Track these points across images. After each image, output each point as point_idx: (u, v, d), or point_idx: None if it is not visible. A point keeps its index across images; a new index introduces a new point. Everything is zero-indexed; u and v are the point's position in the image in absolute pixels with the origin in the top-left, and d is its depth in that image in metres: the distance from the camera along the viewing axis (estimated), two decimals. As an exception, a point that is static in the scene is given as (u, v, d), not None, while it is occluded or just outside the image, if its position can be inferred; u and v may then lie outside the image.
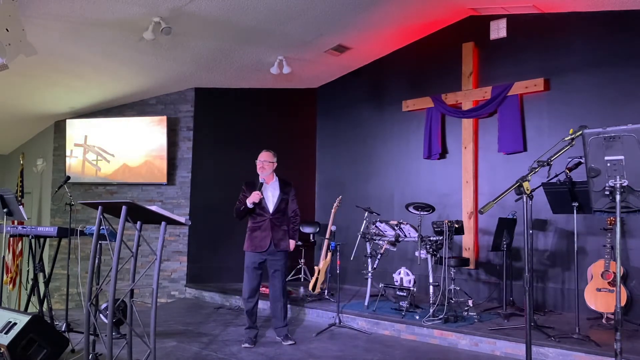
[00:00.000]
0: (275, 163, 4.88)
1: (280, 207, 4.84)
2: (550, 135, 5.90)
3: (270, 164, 4.86)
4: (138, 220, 3.46)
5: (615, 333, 2.56)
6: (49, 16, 5.19)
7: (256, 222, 4.80)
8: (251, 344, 4.72)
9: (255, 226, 4.80)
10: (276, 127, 8.15)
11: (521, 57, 6.24)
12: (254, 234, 4.79)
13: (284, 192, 4.88)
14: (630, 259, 5.27)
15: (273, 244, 4.73)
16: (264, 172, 4.81)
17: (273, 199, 4.82)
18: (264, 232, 4.74)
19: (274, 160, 4.89)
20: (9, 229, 5.13)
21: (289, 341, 4.78)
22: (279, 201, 4.82)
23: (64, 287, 7.35)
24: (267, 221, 4.76)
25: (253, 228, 4.81)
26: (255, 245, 4.75)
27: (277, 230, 4.78)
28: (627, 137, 2.56)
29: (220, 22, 5.75)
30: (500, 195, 3.01)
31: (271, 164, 4.86)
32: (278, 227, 4.79)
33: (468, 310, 5.27)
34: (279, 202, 4.82)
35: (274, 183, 4.91)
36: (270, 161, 4.86)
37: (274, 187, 4.88)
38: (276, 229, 4.77)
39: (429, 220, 5.82)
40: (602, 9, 5.68)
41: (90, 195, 7.95)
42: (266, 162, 4.84)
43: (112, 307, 3.20)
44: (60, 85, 7.09)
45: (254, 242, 4.77)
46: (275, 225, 4.77)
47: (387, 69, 7.59)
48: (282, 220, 4.84)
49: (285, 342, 4.78)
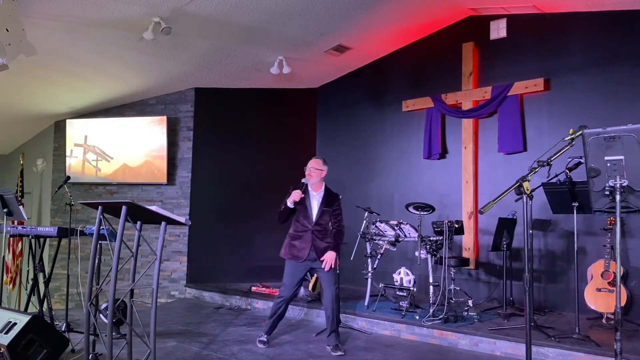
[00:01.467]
0: (324, 171, 4.63)
1: (323, 219, 4.57)
2: (550, 135, 5.90)
3: (318, 172, 4.59)
4: (138, 220, 3.46)
5: (615, 333, 2.56)
6: (49, 16, 5.19)
7: (298, 231, 4.58)
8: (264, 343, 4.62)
9: (296, 235, 4.58)
10: (276, 127, 8.15)
11: (521, 57, 6.24)
12: (293, 242, 4.58)
13: (326, 203, 4.60)
14: (630, 259, 5.27)
15: (317, 254, 4.49)
16: (311, 179, 4.57)
17: (316, 209, 4.59)
18: (304, 244, 4.52)
19: (323, 168, 4.62)
20: (9, 229, 5.13)
21: (338, 352, 4.42)
22: (320, 212, 4.57)
23: (64, 287, 7.35)
24: (309, 233, 4.53)
25: (293, 236, 4.60)
26: (292, 255, 4.56)
27: (319, 243, 4.51)
28: (627, 137, 2.56)
29: (220, 22, 5.75)
30: (500, 195, 3.01)
31: (319, 171, 4.60)
32: (320, 240, 4.52)
33: (468, 310, 5.27)
34: (320, 213, 4.57)
35: (321, 193, 4.65)
36: (318, 168, 4.60)
37: (320, 197, 4.63)
38: (318, 242, 4.51)
39: (429, 220, 5.82)
40: (602, 9, 5.68)
41: (90, 195, 7.95)
42: (313, 168, 4.59)
43: (112, 307, 3.20)
44: (60, 85, 7.09)
45: (292, 250, 4.57)
46: (317, 237, 4.53)
47: (387, 69, 7.59)
48: (324, 234, 4.56)
49: (333, 352, 4.44)
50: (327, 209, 4.58)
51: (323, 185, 4.67)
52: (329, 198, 4.63)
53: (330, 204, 4.61)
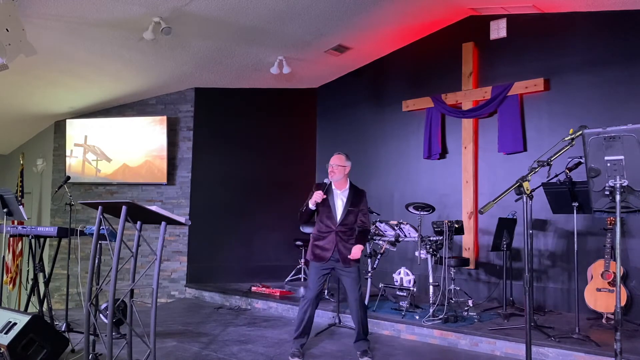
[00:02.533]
0: (347, 167, 4.30)
1: (348, 219, 4.26)
2: (550, 135, 5.90)
3: (341, 168, 4.27)
4: (138, 220, 3.46)
5: (615, 333, 2.56)
6: (49, 16, 5.19)
7: (321, 232, 4.30)
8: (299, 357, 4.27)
9: (319, 236, 4.30)
10: (276, 127, 8.15)
11: (521, 57, 6.24)
12: (316, 242, 4.30)
13: (352, 202, 4.29)
14: (630, 259, 5.27)
15: (341, 258, 4.20)
16: (334, 176, 4.26)
17: (341, 209, 4.28)
18: (328, 245, 4.23)
19: (346, 164, 4.31)
20: (9, 229, 5.13)
21: (366, 357, 4.25)
22: (345, 212, 4.25)
23: (64, 287, 7.35)
24: (333, 234, 4.23)
25: (317, 237, 4.31)
26: (315, 255, 4.28)
27: (344, 244, 4.21)
28: (627, 137, 2.56)
29: (220, 22, 5.75)
30: (500, 195, 3.01)
31: (341, 167, 4.28)
32: (345, 242, 4.22)
33: (468, 310, 5.27)
34: (345, 213, 4.25)
35: (345, 191, 4.33)
36: (341, 164, 4.28)
37: (344, 196, 4.32)
38: (342, 243, 4.21)
39: (429, 220, 5.82)
40: (602, 9, 5.67)
41: (90, 195, 7.95)
42: (336, 165, 4.28)
43: (112, 307, 3.20)
44: (60, 85, 7.10)
45: (314, 251, 4.29)
46: (341, 239, 4.23)
47: (387, 69, 7.59)
48: (350, 235, 4.27)
49: (361, 357, 4.27)
50: (352, 209, 4.28)
51: (348, 182, 4.37)
52: (355, 196, 4.33)
53: (356, 203, 4.31)
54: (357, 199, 4.32)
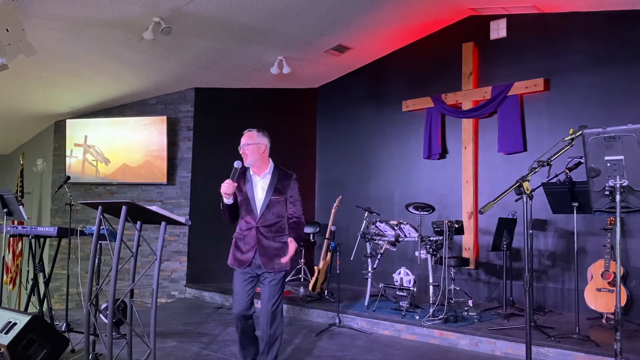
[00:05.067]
0: (262, 144, 3.41)
1: (272, 211, 3.39)
2: (550, 135, 5.90)
3: (254, 147, 3.38)
4: (138, 220, 3.46)
5: (615, 333, 2.56)
6: (49, 16, 5.19)
7: (242, 230, 3.47)
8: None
9: (240, 235, 3.48)
10: (276, 127, 8.05)
11: (521, 57, 6.24)
12: (237, 244, 3.49)
13: (276, 189, 3.40)
14: (630, 259, 5.27)
15: (262, 262, 3.38)
16: (247, 159, 3.40)
17: (261, 199, 3.41)
18: (247, 245, 3.41)
19: (260, 140, 3.41)
20: (9, 229, 5.13)
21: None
22: (266, 203, 3.38)
23: (64, 287, 7.35)
24: (253, 232, 3.39)
25: (238, 237, 3.51)
26: (235, 259, 3.48)
27: (268, 244, 3.38)
28: (627, 137, 2.56)
29: (220, 22, 5.75)
30: (500, 195, 3.01)
31: (254, 146, 3.38)
32: (270, 240, 3.38)
33: (468, 310, 5.27)
34: (267, 204, 3.38)
35: (267, 176, 3.45)
36: (253, 143, 3.38)
37: (266, 182, 3.43)
38: (265, 242, 3.37)
39: (429, 220, 5.82)
40: (602, 9, 5.68)
41: (90, 195, 7.95)
42: (246, 144, 3.39)
43: (112, 307, 3.19)
44: (60, 85, 7.10)
45: (235, 255, 3.49)
46: (264, 237, 3.37)
47: (387, 69, 7.59)
48: (277, 231, 3.41)
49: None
50: (277, 198, 3.40)
51: (270, 164, 3.48)
52: (280, 182, 3.43)
53: (281, 190, 3.42)
54: (283, 184, 3.43)
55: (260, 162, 3.44)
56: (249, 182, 3.46)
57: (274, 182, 3.43)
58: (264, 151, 3.44)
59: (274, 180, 3.43)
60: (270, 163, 3.50)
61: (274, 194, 3.40)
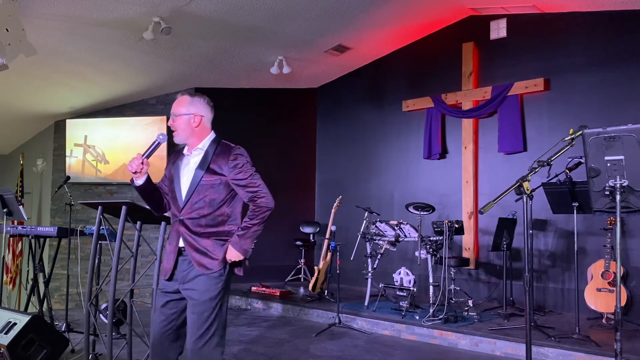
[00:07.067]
0: (197, 115, 2.58)
1: (201, 197, 2.50)
2: (550, 135, 5.90)
3: (185, 119, 2.56)
4: (138, 220, 3.46)
5: (615, 333, 2.56)
6: (49, 16, 5.19)
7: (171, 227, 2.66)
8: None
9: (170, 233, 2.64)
10: (276, 127, 8.15)
11: (521, 57, 6.24)
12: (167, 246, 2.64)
13: (208, 167, 2.52)
14: (630, 259, 5.27)
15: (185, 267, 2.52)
16: (176, 135, 2.62)
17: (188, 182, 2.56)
18: (170, 246, 2.59)
19: (194, 110, 2.58)
20: (9, 229, 5.13)
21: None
22: (193, 186, 2.51)
23: (64, 287, 7.34)
24: (177, 226, 2.56)
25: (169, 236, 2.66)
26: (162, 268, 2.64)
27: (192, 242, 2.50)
28: (627, 137, 2.56)
29: (221, 22, 5.75)
30: (500, 195, 3.01)
31: (186, 118, 2.56)
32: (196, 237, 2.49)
33: (468, 310, 5.27)
34: (195, 187, 2.51)
35: (199, 151, 2.60)
36: (186, 113, 2.56)
37: (197, 159, 2.58)
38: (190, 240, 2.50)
39: (429, 220, 5.82)
40: (602, 9, 5.67)
41: (90, 195, 7.95)
42: (177, 114, 2.58)
43: (112, 307, 3.20)
44: (60, 85, 7.09)
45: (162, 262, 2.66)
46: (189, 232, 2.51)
47: (387, 69, 7.59)
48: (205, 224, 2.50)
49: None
50: (210, 179, 2.51)
51: (207, 139, 2.63)
52: (217, 159, 2.55)
53: (217, 171, 2.52)
54: (219, 162, 2.53)
55: (194, 139, 2.59)
56: (180, 160, 2.65)
57: (207, 159, 2.54)
58: (199, 124, 2.58)
59: (208, 157, 2.55)
60: (209, 137, 2.64)
61: (206, 175, 2.50)
